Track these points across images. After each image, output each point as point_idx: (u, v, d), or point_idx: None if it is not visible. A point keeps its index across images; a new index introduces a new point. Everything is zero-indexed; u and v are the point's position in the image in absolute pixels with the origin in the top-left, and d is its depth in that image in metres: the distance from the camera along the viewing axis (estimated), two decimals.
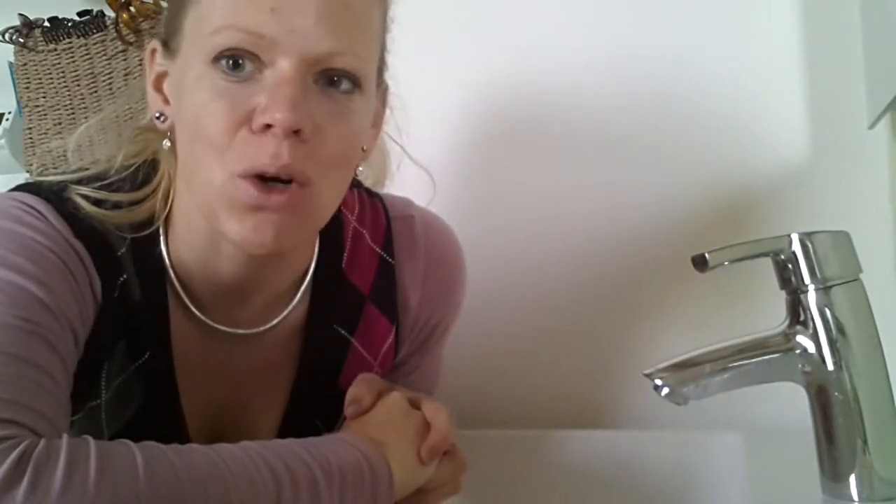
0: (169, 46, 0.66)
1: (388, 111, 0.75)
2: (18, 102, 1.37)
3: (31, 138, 1.33)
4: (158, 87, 0.68)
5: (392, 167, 0.83)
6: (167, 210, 0.69)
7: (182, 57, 0.64)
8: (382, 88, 0.72)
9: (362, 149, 0.69)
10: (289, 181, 0.60)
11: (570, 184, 1.06)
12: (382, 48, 0.69)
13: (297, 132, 0.59)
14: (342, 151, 0.63)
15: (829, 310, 0.65)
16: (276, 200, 0.60)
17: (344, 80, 0.62)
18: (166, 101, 0.67)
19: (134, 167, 0.70)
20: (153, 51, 0.68)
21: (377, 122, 0.72)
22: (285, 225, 0.61)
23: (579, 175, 1.05)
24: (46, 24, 1.32)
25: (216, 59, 0.60)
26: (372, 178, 0.82)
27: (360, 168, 0.70)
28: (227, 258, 0.67)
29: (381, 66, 0.70)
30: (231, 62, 0.60)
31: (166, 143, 0.67)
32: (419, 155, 0.82)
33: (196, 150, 0.62)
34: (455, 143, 1.09)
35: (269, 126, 0.59)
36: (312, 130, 0.60)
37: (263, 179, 0.60)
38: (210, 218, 0.63)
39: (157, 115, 0.67)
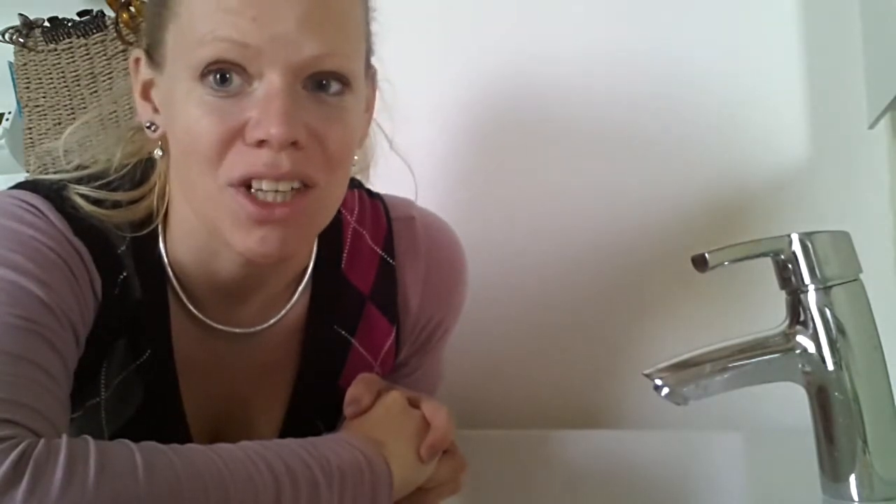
0: (153, 57, 0.65)
1: (377, 95, 0.75)
2: (18, 102, 1.37)
3: (31, 138, 1.33)
4: (146, 96, 0.67)
5: (378, 158, 0.82)
6: (164, 209, 0.69)
7: (168, 70, 0.63)
8: (370, 73, 0.71)
9: None
10: (288, 191, 0.60)
11: (571, 183, 1.06)
12: (367, 37, 0.68)
13: (294, 143, 0.59)
14: (342, 152, 0.63)
15: (829, 310, 0.65)
16: (280, 213, 0.60)
17: (333, 82, 0.61)
18: (156, 109, 0.67)
19: (132, 165, 0.70)
20: (137, 60, 0.68)
21: (368, 107, 0.71)
22: (290, 235, 0.62)
23: (579, 174, 1.05)
24: (46, 24, 1.32)
25: (204, 73, 0.59)
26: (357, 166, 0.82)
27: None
28: (225, 260, 0.67)
29: (368, 54, 0.69)
30: (219, 76, 0.59)
31: (158, 153, 0.66)
32: (414, 154, 0.82)
33: (189, 163, 0.62)
34: (455, 142, 1.09)
35: (263, 141, 0.59)
36: (308, 137, 0.60)
37: (257, 194, 0.60)
38: (213, 230, 0.63)
39: (148, 124, 0.67)
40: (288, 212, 0.60)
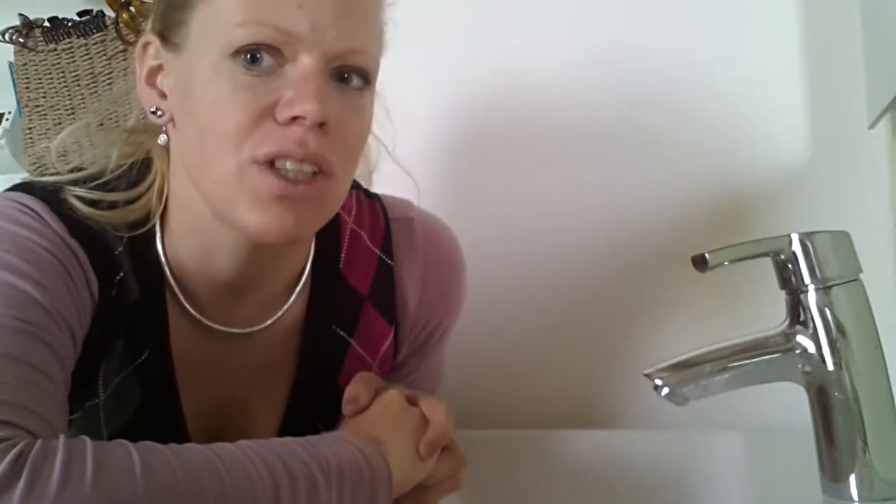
0: (169, 40, 0.65)
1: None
2: (18, 102, 1.36)
3: (31, 138, 1.33)
4: (151, 82, 0.67)
5: (379, 162, 0.82)
6: (162, 208, 0.69)
7: (190, 50, 0.63)
8: None
9: None
10: (310, 172, 0.61)
11: (571, 183, 1.05)
12: (382, 38, 0.69)
13: (322, 125, 0.60)
14: (358, 145, 0.66)
15: (829, 310, 0.65)
16: (302, 191, 0.61)
17: (355, 77, 0.64)
18: (162, 95, 0.67)
19: (128, 165, 0.70)
20: (146, 45, 0.67)
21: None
22: (306, 215, 0.63)
23: (579, 175, 1.05)
24: (46, 24, 1.32)
25: (236, 53, 0.60)
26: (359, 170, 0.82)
27: None
28: (224, 255, 0.67)
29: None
30: (250, 56, 0.60)
31: (163, 139, 0.67)
32: (412, 154, 0.82)
33: (208, 142, 0.62)
34: (453, 142, 1.09)
35: (295, 118, 0.60)
36: (334, 124, 0.61)
37: (281, 171, 0.60)
38: (226, 209, 0.63)
39: (154, 109, 0.67)
40: (309, 190, 0.61)
